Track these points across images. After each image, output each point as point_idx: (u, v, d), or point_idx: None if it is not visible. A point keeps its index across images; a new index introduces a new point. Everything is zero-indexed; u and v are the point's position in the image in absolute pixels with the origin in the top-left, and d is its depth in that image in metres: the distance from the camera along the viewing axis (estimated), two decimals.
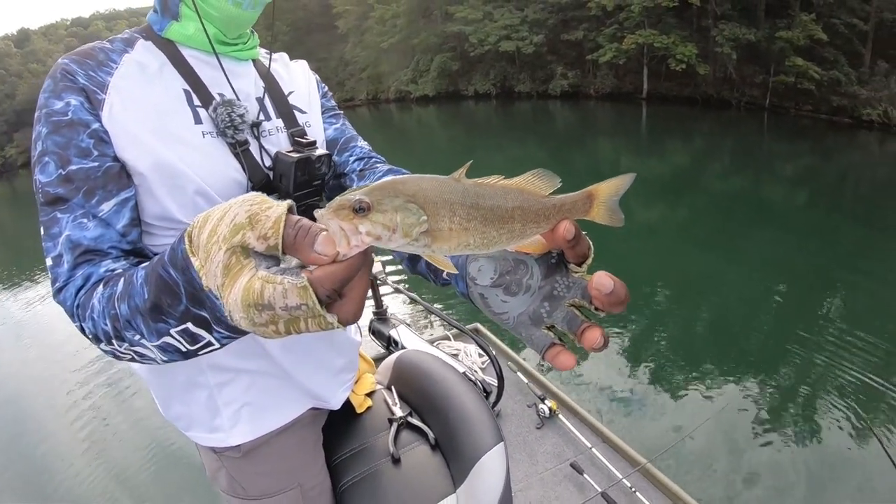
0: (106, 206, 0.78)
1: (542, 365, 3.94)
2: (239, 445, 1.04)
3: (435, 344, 3.31)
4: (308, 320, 0.47)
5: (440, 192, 0.47)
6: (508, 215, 0.50)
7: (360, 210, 0.44)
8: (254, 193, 0.50)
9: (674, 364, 5.07)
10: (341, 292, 0.47)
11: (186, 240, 0.52)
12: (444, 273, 0.77)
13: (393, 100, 39.22)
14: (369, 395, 1.34)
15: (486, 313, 0.61)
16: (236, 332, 0.57)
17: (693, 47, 24.07)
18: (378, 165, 1.09)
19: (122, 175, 0.81)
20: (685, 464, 3.62)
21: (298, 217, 0.48)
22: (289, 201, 0.48)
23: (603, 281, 0.51)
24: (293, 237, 0.46)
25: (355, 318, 0.49)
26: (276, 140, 0.98)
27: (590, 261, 0.56)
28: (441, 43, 34.51)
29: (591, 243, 0.55)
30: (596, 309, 0.54)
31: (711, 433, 3.91)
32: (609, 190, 0.54)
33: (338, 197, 0.45)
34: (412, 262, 0.91)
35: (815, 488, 3.53)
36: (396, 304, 5.29)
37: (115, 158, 0.81)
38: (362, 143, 1.14)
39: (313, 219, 0.47)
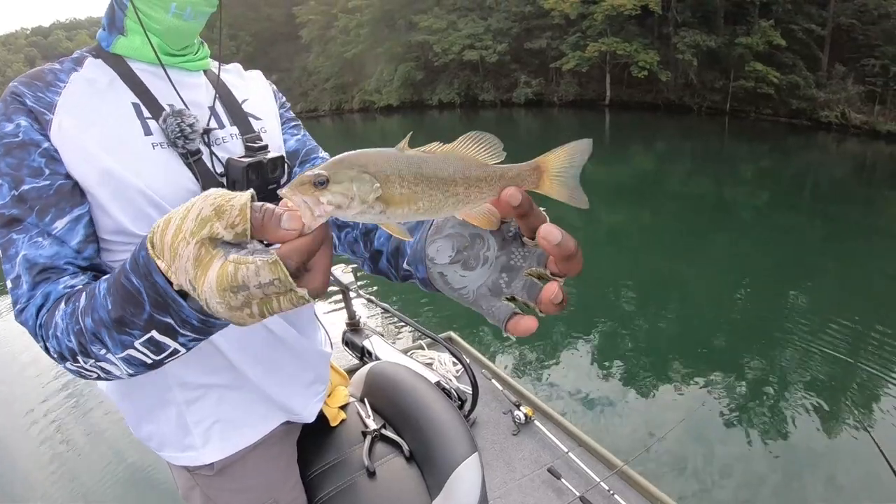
0: (59, 224, 0.79)
1: (518, 371, 4.12)
2: (212, 463, 1.03)
3: (409, 353, 3.35)
4: (281, 297, 0.48)
5: (388, 161, 0.49)
6: (450, 179, 0.51)
7: (320, 183, 0.47)
8: (213, 189, 0.51)
9: (644, 365, 5.10)
10: (308, 265, 0.49)
11: (148, 245, 0.53)
12: (405, 262, 0.80)
13: (357, 110, 39.02)
14: (342, 407, 1.33)
15: (446, 292, 0.62)
16: (203, 332, 0.59)
17: (655, 54, 24.71)
18: None
19: (74, 192, 0.82)
20: (661, 464, 3.65)
21: (261, 202, 0.49)
22: (251, 190, 0.50)
23: (550, 231, 0.51)
24: (260, 220, 0.48)
25: (324, 287, 0.50)
26: (231, 147, 0.98)
27: None
28: (405, 52, 34.46)
29: (546, 217, 0.54)
30: (553, 274, 0.55)
31: (685, 432, 3.95)
32: (559, 160, 0.53)
33: (297, 175, 0.49)
34: (373, 262, 0.92)
35: (787, 479, 3.61)
36: (369, 315, 5.19)
37: (67, 176, 0.81)
38: (323, 154, 1.14)
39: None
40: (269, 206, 0.49)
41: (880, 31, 20.57)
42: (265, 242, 0.50)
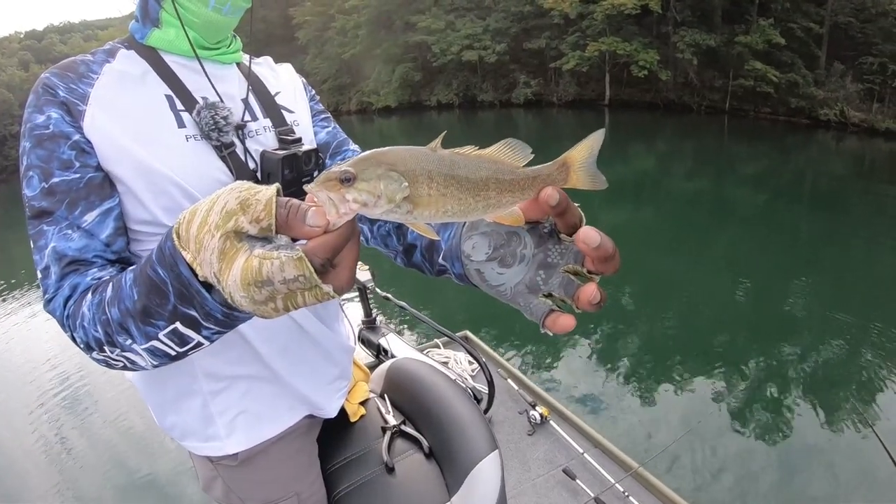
0: (89, 217, 0.80)
1: (533, 369, 4.16)
2: (236, 454, 1.03)
3: (425, 352, 3.38)
4: (305, 293, 0.48)
5: (418, 160, 0.49)
6: (483, 184, 0.51)
7: (347, 180, 0.46)
8: (239, 182, 0.51)
9: (655, 366, 5.10)
10: (333, 262, 0.48)
11: (174, 236, 0.53)
12: (440, 258, 0.80)
13: (354, 111, 38.65)
14: (363, 403, 1.33)
15: (484, 288, 0.63)
16: (226, 325, 0.59)
17: (655, 53, 24.67)
18: None
19: (104, 185, 0.82)
20: (677, 466, 3.65)
21: (287, 198, 0.49)
22: (276, 184, 0.49)
23: (589, 234, 0.51)
24: (285, 216, 0.48)
25: (349, 285, 0.50)
26: (264, 140, 0.99)
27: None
28: (403, 53, 34.25)
29: (582, 214, 0.55)
30: (590, 272, 0.55)
31: (699, 433, 3.96)
32: (582, 154, 0.54)
33: (324, 171, 0.47)
34: (407, 255, 0.92)
35: (800, 478, 3.63)
36: (385, 313, 5.26)
37: (98, 168, 0.82)
38: (353, 146, 1.15)
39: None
40: (295, 201, 0.48)
41: (878, 29, 20.58)
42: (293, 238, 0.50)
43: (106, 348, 0.67)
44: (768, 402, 4.45)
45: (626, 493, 2.44)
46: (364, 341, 3.24)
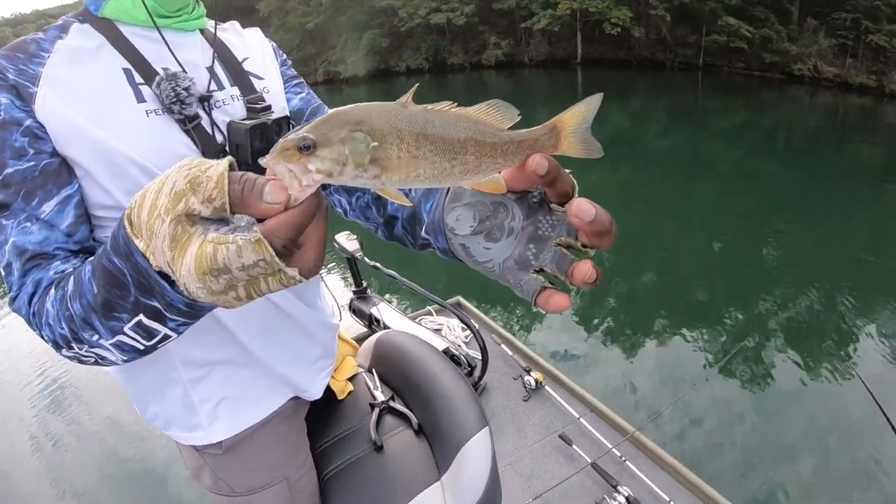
0: (47, 207, 0.76)
1: (526, 330, 4.22)
2: (220, 442, 1.01)
3: (417, 320, 3.32)
4: (268, 279, 0.44)
5: (386, 118, 0.44)
6: (460, 146, 0.46)
7: (306, 148, 0.42)
8: (189, 158, 0.47)
9: (641, 325, 5.11)
10: (298, 242, 0.45)
11: (126, 223, 0.49)
12: (423, 231, 0.75)
13: (321, 82, 37.13)
14: (351, 378, 1.30)
15: (470, 264, 0.59)
16: (191, 316, 0.57)
17: (627, 10, 24.53)
18: None
19: (61, 172, 0.78)
20: (671, 428, 3.64)
21: (241, 172, 0.45)
22: (228, 158, 0.45)
23: (583, 206, 0.47)
24: (240, 192, 0.43)
25: (317, 267, 0.46)
26: (232, 110, 0.93)
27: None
28: (369, 19, 33.26)
29: (574, 182, 0.51)
30: (583, 246, 0.51)
31: (695, 395, 3.97)
32: (576, 118, 0.50)
33: (280, 139, 0.42)
34: (388, 228, 0.88)
35: (808, 442, 3.60)
36: (376, 282, 5.13)
37: (53, 154, 0.78)
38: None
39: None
40: (251, 175, 0.44)
41: None
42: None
43: (74, 345, 0.63)
44: (752, 354, 4.50)
45: (623, 458, 2.45)
46: (356, 311, 3.23)
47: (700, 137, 13.72)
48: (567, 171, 0.50)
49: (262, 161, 0.42)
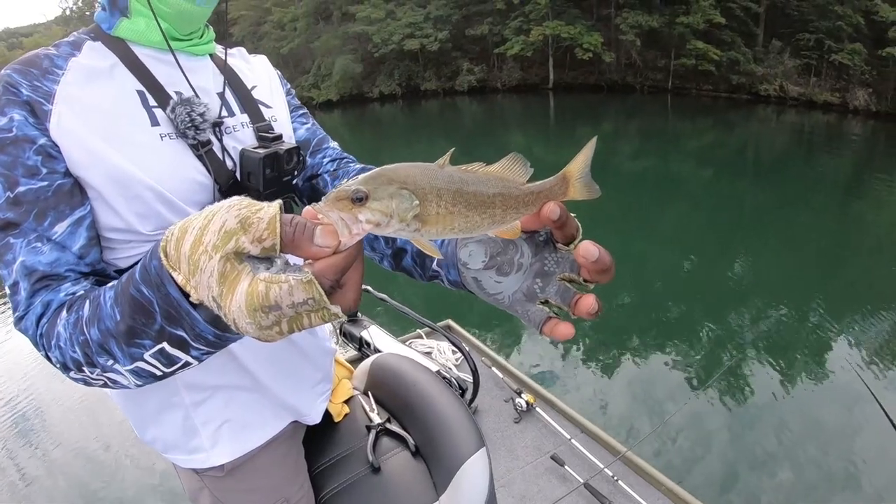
0: (59, 228, 0.74)
1: (520, 352, 4.30)
2: (222, 465, 1.00)
3: (407, 343, 3.35)
4: (312, 315, 0.46)
5: (428, 178, 0.48)
6: (490, 201, 0.50)
7: (359, 199, 0.45)
8: (237, 198, 0.48)
9: (620, 344, 5.14)
10: (340, 282, 0.47)
11: (161, 254, 0.50)
12: (434, 264, 0.78)
13: None
14: (347, 401, 1.31)
15: (481, 296, 0.63)
16: (217, 346, 0.57)
17: (598, 36, 25.04)
18: (350, 165, 1.06)
19: (74, 192, 0.76)
20: (663, 448, 3.66)
21: (291, 215, 0.47)
22: (279, 201, 0.47)
23: (588, 248, 0.52)
24: (291, 235, 0.46)
25: (356, 304, 0.49)
26: (242, 137, 0.93)
27: (578, 241, 0.56)
28: (342, 45, 33.29)
29: (579, 224, 0.56)
30: (585, 280, 0.56)
31: (686, 414, 4.00)
32: (579, 167, 0.55)
33: (333, 190, 0.46)
34: (396, 259, 0.88)
35: (794, 455, 3.63)
36: (366, 305, 5.06)
37: (67, 174, 0.76)
38: (333, 144, 1.11)
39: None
40: (300, 219, 0.46)
41: (813, 7, 21.35)
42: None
43: (85, 369, 0.63)
44: (731, 369, 4.58)
45: (616, 478, 2.46)
46: (346, 335, 3.23)
47: (671, 158, 13.97)
48: (572, 215, 0.55)
49: (315, 207, 0.45)
